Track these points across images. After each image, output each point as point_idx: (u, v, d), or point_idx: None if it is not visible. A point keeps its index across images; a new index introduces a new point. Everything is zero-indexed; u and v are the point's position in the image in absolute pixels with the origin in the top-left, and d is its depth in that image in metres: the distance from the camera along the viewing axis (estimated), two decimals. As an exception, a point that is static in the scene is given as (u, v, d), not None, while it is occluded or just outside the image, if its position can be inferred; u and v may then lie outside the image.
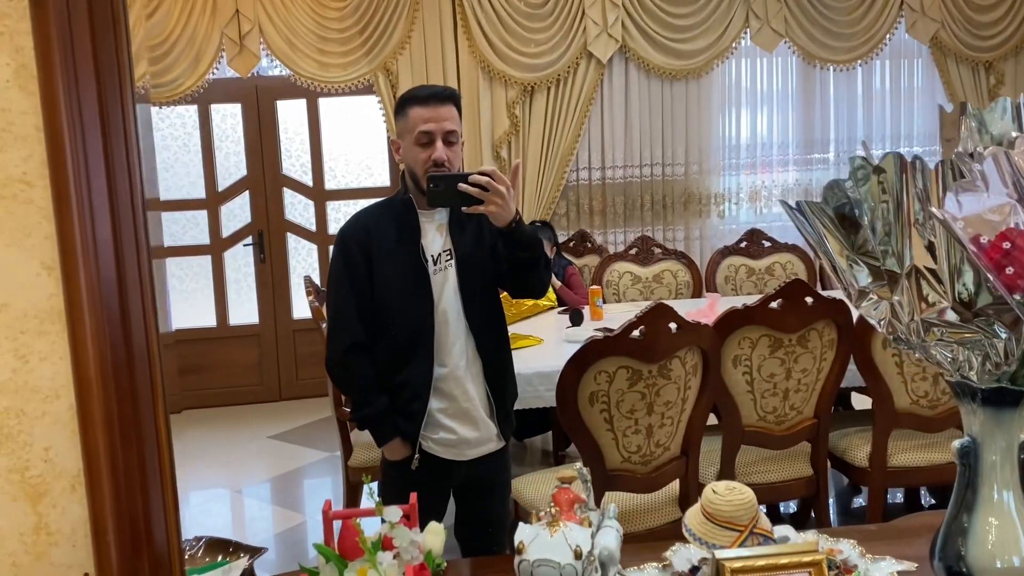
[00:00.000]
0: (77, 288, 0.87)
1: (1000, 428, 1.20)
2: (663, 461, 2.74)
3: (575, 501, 1.20)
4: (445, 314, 2.27)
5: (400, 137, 2.29)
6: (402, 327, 2.26)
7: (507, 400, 2.42)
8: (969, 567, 1.21)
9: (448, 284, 2.28)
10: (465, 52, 5.46)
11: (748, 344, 2.94)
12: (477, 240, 2.32)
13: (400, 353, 2.27)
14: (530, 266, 2.26)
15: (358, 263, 2.27)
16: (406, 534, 1.03)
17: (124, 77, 0.84)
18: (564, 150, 5.56)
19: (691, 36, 5.55)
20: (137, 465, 0.90)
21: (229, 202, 6.05)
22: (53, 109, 0.84)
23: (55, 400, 0.98)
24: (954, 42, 5.71)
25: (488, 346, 2.34)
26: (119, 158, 0.85)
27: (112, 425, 0.88)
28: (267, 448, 5.33)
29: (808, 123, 5.90)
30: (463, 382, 2.30)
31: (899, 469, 3.19)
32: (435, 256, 2.28)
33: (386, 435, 2.32)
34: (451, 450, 2.32)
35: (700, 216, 5.85)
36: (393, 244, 2.27)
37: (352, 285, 2.28)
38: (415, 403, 2.27)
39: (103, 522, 0.91)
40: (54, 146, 0.86)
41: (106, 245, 0.87)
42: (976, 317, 1.12)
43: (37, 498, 0.99)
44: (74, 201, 0.86)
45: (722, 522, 1.18)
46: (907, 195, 1.10)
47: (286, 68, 5.44)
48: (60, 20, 0.82)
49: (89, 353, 0.88)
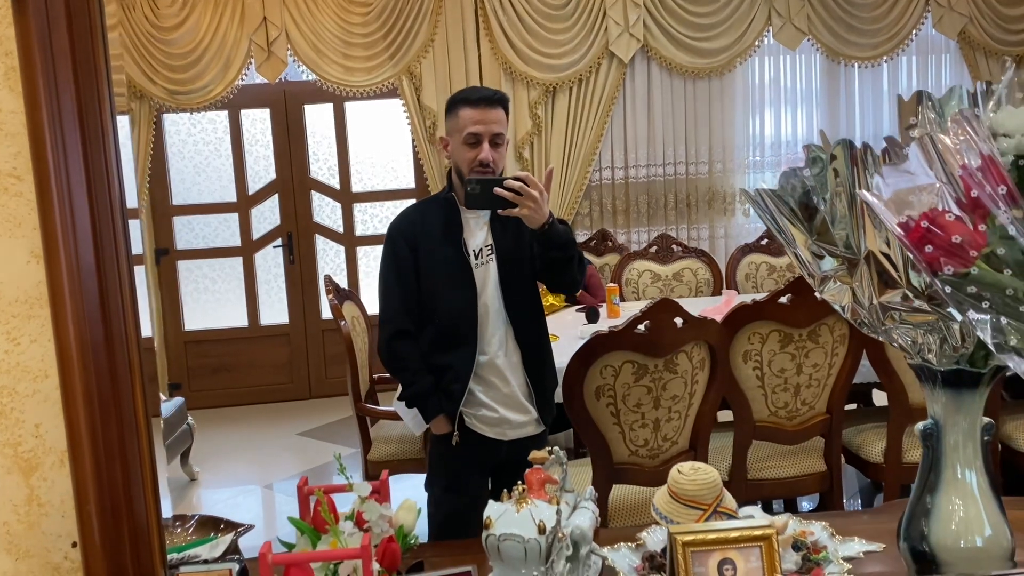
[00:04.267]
0: (59, 274, 0.94)
1: (961, 409, 1.22)
2: (671, 455, 2.77)
3: (546, 481, 1.24)
4: (486, 306, 2.41)
5: (449, 135, 2.42)
6: (446, 316, 2.41)
7: (547, 388, 2.56)
8: (932, 547, 1.23)
9: (490, 278, 2.42)
10: (487, 54, 5.52)
11: (758, 339, 2.95)
12: (518, 237, 2.43)
13: (444, 340, 2.42)
14: (563, 265, 2.39)
15: (405, 256, 2.42)
16: (375, 508, 1.08)
17: (101, 78, 0.90)
18: (587, 150, 5.59)
19: (713, 35, 5.56)
20: (117, 439, 0.97)
21: (259, 205, 6.18)
22: (35, 108, 0.91)
23: (44, 379, 1.05)
24: (983, 36, 5.64)
25: (527, 337, 2.47)
26: (97, 153, 0.91)
27: (92, 402, 0.95)
28: (296, 444, 5.44)
29: (833, 120, 5.86)
30: (503, 370, 2.44)
31: (914, 464, 3.15)
32: (476, 251, 2.41)
33: (432, 411, 2.45)
34: (493, 429, 2.46)
35: (725, 215, 5.85)
36: (438, 239, 2.41)
37: (399, 277, 2.43)
38: (456, 385, 2.42)
39: (85, 493, 0.98)
40: (36, 142, 0.93)
41: (85, 233, 0.94)
42: (931, 301, 1.14)
43: (29, 471, 1.06)
44: (55, 193, 0.93)
45: (686, 501, 1.21)
46: (858, 182, 1.13)
47: (313, 73, 5.55)
48: (40, 24, 0.88)
49: (70, 334, 0.95)
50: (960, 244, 0.85)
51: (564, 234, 2.36)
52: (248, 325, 6.23)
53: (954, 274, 0.88)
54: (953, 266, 0.87)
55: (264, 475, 5.00)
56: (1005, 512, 1.25)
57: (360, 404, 3.58)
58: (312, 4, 5.42)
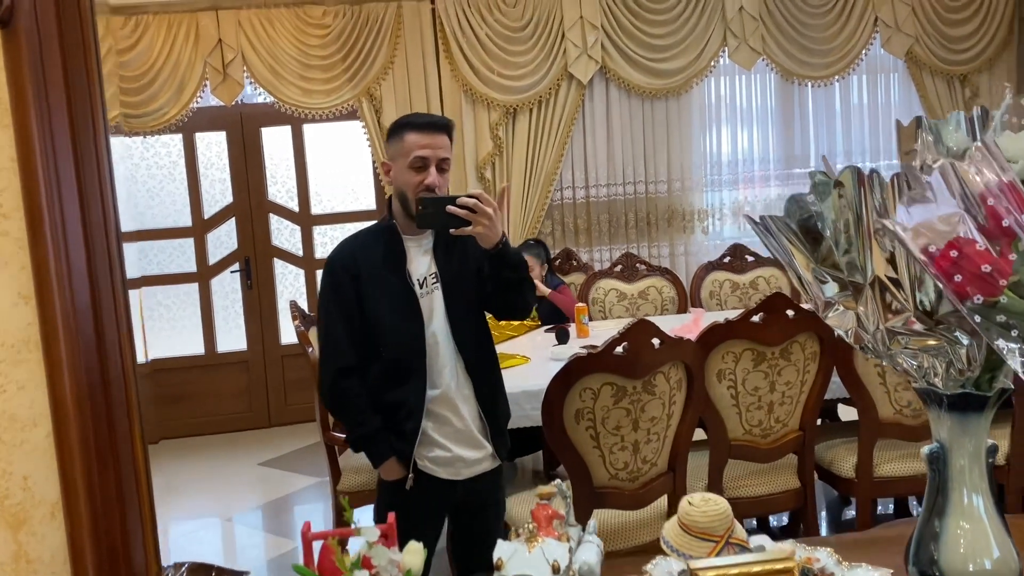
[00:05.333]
0: (52, 316, 0.89)
1: (967, 433, 1.22)
2: (650, 477, 2.75)
3: (553, 517, 1.22)
4: (435, 336, 2.32)
5: (392, 160, 2.34)
6: (394, 349, 2.30)
7: (500, 419, 2.45)
8: (942, 571, 1.23)
9: (436, 307, 2.33)
10: (448, 76, 5.51)
11: (732, 358, 2.96)
12: (462, 263, 2.36)
13: (393, 375, 2.31)
14: (516, 286, 2.31)
15: (346, 288, 2.31)
16: (384, 553, 1.04)
17: (96, 106, 0.86)
18: (548, 170, 5.60)
19: (670, 56, 5.62)
20: (114, 489, 0.91)
21: (215, 229, 6.06)
22: (26, 140, 0.86)
23: (33, 428, 0.99)
24: (929, 56, 5.80)
25: (478, 367, 2.38)
26: (92, 187, 0.87)
27: (89, 449, 0.90)
28: (257, 475, 5.31)
29: (788, 139, 5.96)
30: (455, 403, 2.33)
31: (885, 479, 3.21)
32: (421, 280, 2.32)
33: (381, 455, 2.34)
34: (447, 468, 2.35)
35: (684, 232, 5.90)
36: (381, 269, 2.32)
37: (341, 310, 2.32)
38: (408, 423, 2.30)
39: (81, 547, 0.92)
40: (27, 176, 0.88)
41: (80, 274, 0.89)
42: (938, 325, 1.15)
43: (17, 526, 1.00)
44: (48, 231, 0.87)
45: (698, 533, 1.19)
46: (865, 208, 1.13)
47: (270, 95, 5.48)
48: (32, 50, 0.84)
49: (65, 379, 0.89)
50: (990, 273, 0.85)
51: (517, 254, 2.31)
52: (205, 352, 6.09)
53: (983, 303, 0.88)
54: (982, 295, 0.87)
55: (225, 507, 4.87)
56: (1011, 533, 1.25)
57: (328, 433, 3.50)
58: (269, 26, 5.36)
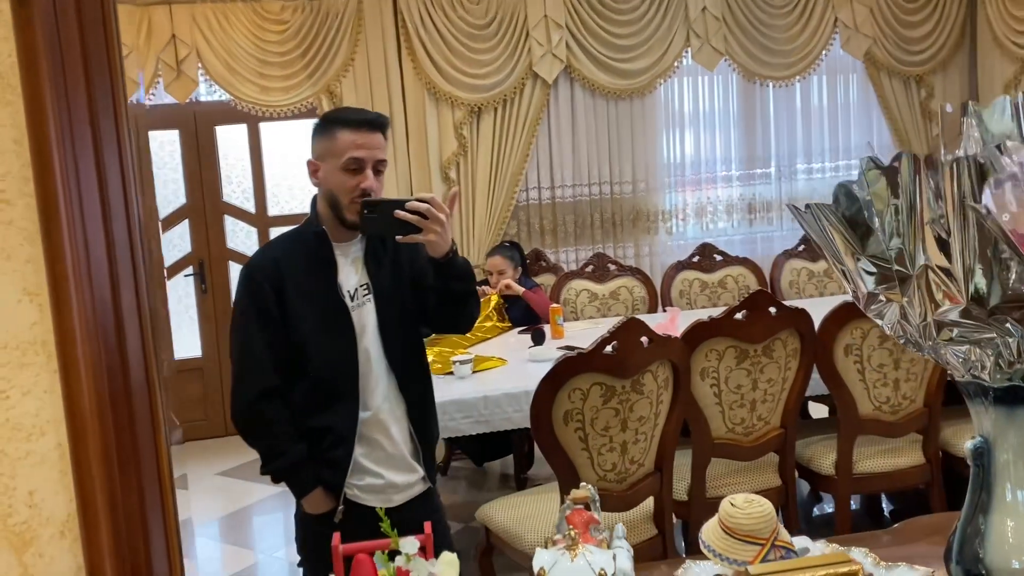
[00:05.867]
0: (69, 313, 0.79)
1: (1013, 426, 1.19)
2: (638, 478, 2.71)
3: (590, 522, 1.15)
4: (367, 352, 2.13)
5: (321, 159, 2.12)
6: (323, 368, 2.10)
7: (432, 440, 2.28)
8: (988, 569, 1.19)
9: (368, 321, 2.14)
10: (410, 73, 5.42)
11: (715, 356, 2.94)
12: (395, 273, 2.18)
13: (321, 397, 2.11)
14: (464, 298, 2.15)
15: (268, 301, 2.09)
16: (424, 566, 0.97)
17: (116, 80, 0.77)
18: (513, 170, 5.55)
19: (634, 56, 5.61)
20: (138, 504, 0.82)
21: (168, 231, 5.86)
22: (40, 120, 0.77)
23: (40, 438, 0.90)
24: (887, 57, 5.89)
25: (411, 385, 2.20)
26: (112, 169, 0.78)
27: (110, 461, 0.80)
28: (216, 485, 5.15)
29: (750, 139, 6.00)
30: (386, 425, 2.15)
31: (864, 475, 3.22)
32: (352, 291, 2.13)
33: (306, 486, 2.12)
34: (378, 496, 2.14)
35: (649, 233, 5.89)
36: (307, 279, 2.11)
37: (261, 325, 2.09)
38: (338, 450, 2.10)
39: (100, 568, 0.82)
40: (41, 158, 0.78)
41: (100, 266, 0.79)
42: (991, 316, 1.11)
43: (22, 547, 0.90)
44: (64, 218, 0.78)
45: (743, 536, 1.14)
46: (920, 194, 1.09)
47: (226, 93, 5.32)
48: (47, 21, 0.74)
49: (83, 383, 0.80)
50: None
51: (465, 265, 2.11)
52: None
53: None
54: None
55: (181, 519, 4.70)
56: (1053, 528, 1.22)
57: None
58: (224, 20, 5.20)
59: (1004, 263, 1.09)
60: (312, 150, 2.15)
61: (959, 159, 1.03)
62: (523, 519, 2.81)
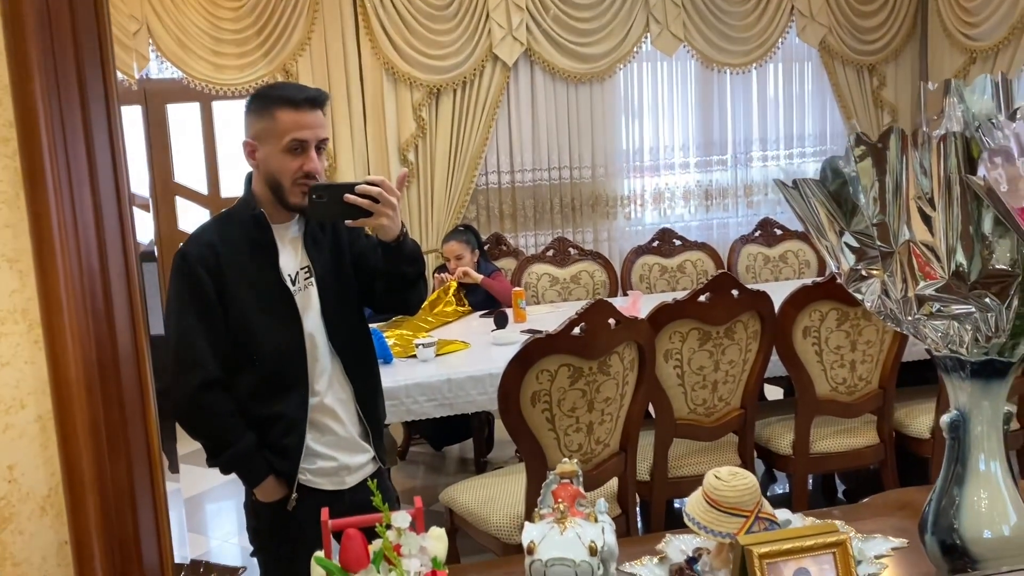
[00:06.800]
0: (55, 279, 0.76)
1: (988, 399, 1.23)
2: (603, 458, 2.73)
3: (576, 496, 1.15)
4: (312, 337, 2.07)
5: (258, 139, 2.00)
6: (269, 356, 2.03)
7: (380, 421, 2.25)
8: (963, 539, 1.22)
9: (311, 305, 2.08)
10: (368, 53, 5.35)
11: (679, 338, 2.96)
12: (337, 255, 2.13)
13: (268, 386, 2.05)
14: (413, 282, 2.11)
15: (206, 288, 1.99)
16: (415, 540, 0.96)
17: (105, 39, 0.74)
18: (472, 153, 5.52)
19: (594, 40, 5.61)
20: (126, 478, 0.79)
21: (118, 212, 5.72)
22: (26, 78, 0.73)
23: (19, 411, 0.86)
24: (841, 46, 5.99)
25: (357, 368, 2.16)
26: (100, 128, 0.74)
27: (98, 432, 0.77)
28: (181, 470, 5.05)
29: (707, 126, 6.05)
30: (334, 410, 2.11)
31: (821, 455, 3.29)
32: (293, 275, 2.06)
33: (259, 474, 2.06)
34: (331, 479, 2.12)
35: (608, 218, 5.92)
36: (247, 263, 2.03)
37: (200, 313, 2.00)
38: (289, 437, 2.05)
39: (87, 543, 0.79)
40: (25, 118, 0.74)
41: (87, 230, 0.76)
42: (971, 290, 1.14)
43: (1, 524, 0.86)
44: (50, 180, 0.74)
45: (727, 508, 1.15)
46: (907, 171, 1.11)
47: (178, 70, 5.19)
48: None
49: (69, 352, 0.76)
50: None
51: (415, 247, 2.07)
52: (108, 342, 5.75)
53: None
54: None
55: (136, 504, 4.61)
56: (1024, 499, 1.26)
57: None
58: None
59: (985, 239, 1.11)
60: (247, 129, 2.04)
61: (947, 135, 1.04)
62: (487, 500, 2.81)
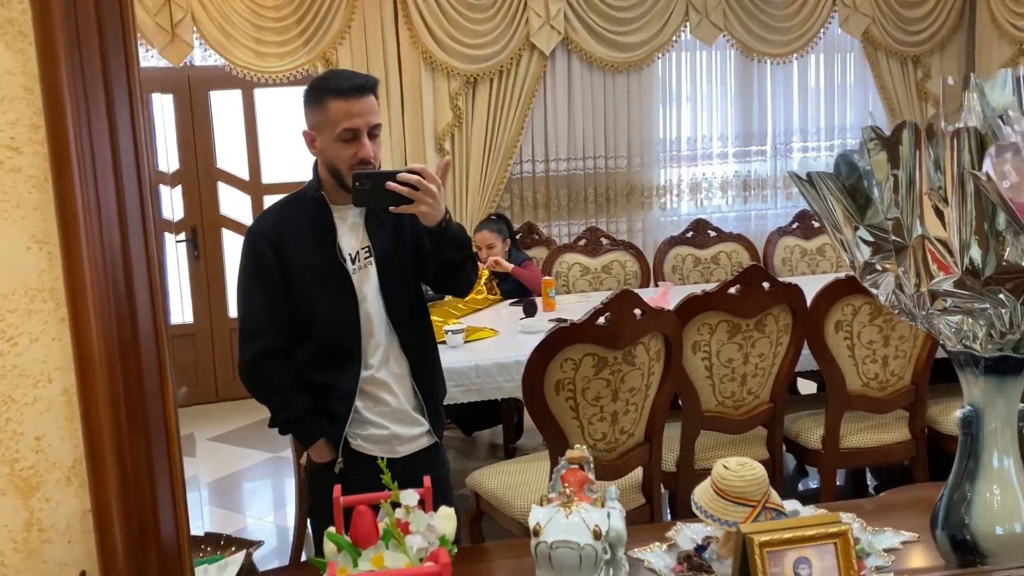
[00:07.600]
0: (79, 260, 0.80)
1: (1002, 395, 1.22)
2: (627, 448, 2.74)
3: (585, 481, 1.17)
4: (368, 315, 2.18)
5: (316, 130, 2.13)
6: (325, 330, 2.16)
7: (436, 396, 2.33)
8: (974, 535, 1.22)
9: (369, 283, 2.18)
10: (406, 42, 5.38)
11: (707, 330, 2.96)
12: (397, 237, 2.22)
13: (324, 357, 2.18)
14: (458, 266, 2.18)
15: (270, 264, 2.14)
16: (424, 518, 0.99)
17: (128, 29, 0.77)
18: (508, 142, 5.53)
19: (632, 29, 5.59)
20: (144, 451, 0.84)
21: (161, 197, 5.84)
22: (52, 64, 0.77)
23: (47, 385, 0.91)
24: (884, 37, 5.88)
25: (414, 345, 2.24)
26: (123, 117, 0.78)
27: (118, 407, 0.81)
28: (206, 451, 5.17)
29: (746, 116, 6.00)
30: (390, 384, 2.21)
31: (850, 450, 3.27)
32: (352, 255, 2.17)
33: (312, 435, 2.20)
34: (382, 447, 2.20)
35: (643, 208, 5.90)
36: (308, 243, 2.16)
37: (263, 288, 2.15)
38: (338, 405, 2.17)
39: (108, 514, 0.84)
40: (52, 105, 0.78)
41: (110, 212, 0.80)
42: (984, 286, 1.13)
43: (28, 492, 0.91)
44: (75, 164, 0.78)
45: (735, 498, 1.16)
46: (920, 165, 1.10)
47: (221, 57, 5.28)
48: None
49: (92, 330, 0.81)
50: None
51: (460, 232, 2.14)
52: (150, 324, 5.88)
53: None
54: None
55: (174, 482, 4.72)
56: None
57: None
58: (220, -15, 5.15)
59: (1000, 235, 1.11)
60: (306, 120, 2.16)
61: (960, 130, 1.04)
62: (513, 486, 2.85)
